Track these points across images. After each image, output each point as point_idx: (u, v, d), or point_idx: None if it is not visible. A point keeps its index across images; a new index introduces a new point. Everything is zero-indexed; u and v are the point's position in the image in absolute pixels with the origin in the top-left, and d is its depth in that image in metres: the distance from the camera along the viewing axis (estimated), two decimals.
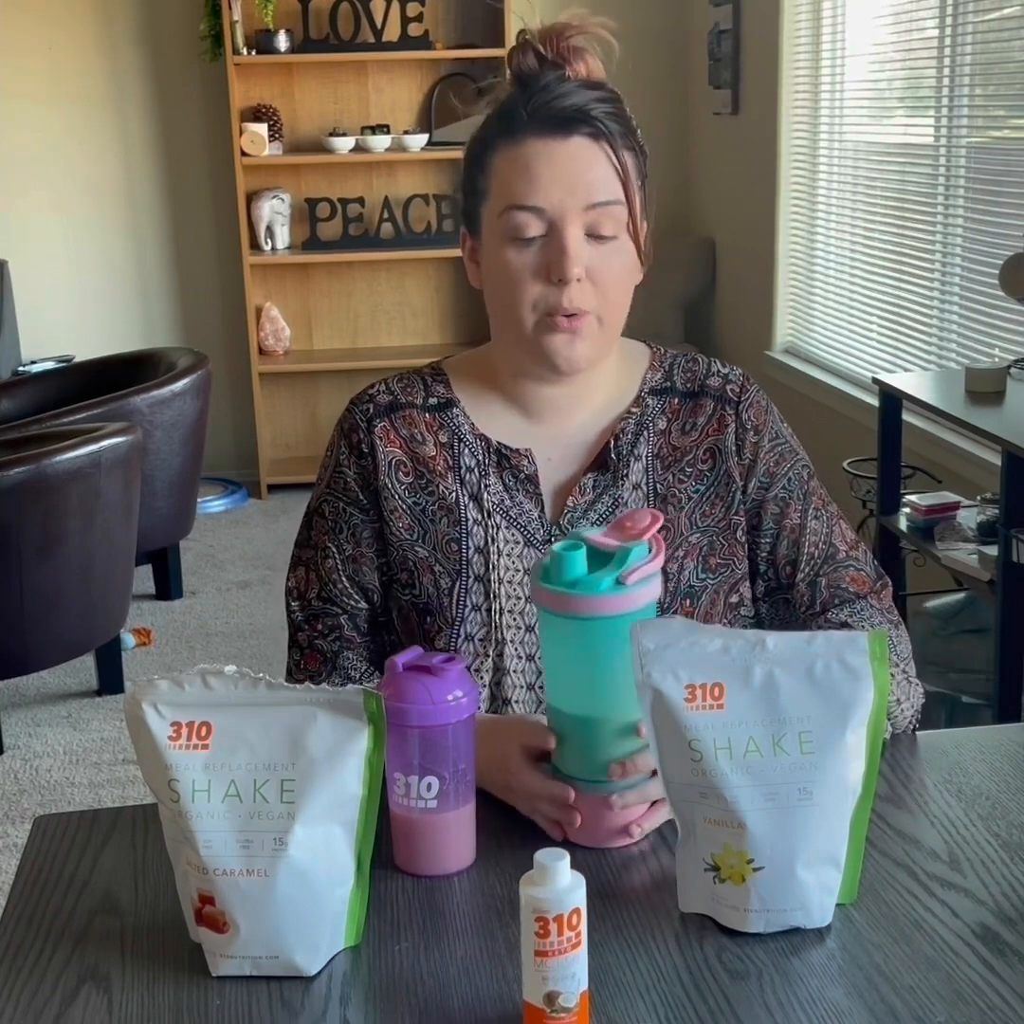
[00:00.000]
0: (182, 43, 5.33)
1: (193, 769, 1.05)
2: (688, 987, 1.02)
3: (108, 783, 3.29)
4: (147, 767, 1.07)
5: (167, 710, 1.06)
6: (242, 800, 1.04)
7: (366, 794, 1.06)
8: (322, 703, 1.07)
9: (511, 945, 1.05)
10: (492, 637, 1.41)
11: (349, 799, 1.06)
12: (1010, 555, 2.75)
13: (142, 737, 1.07)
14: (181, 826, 1.05)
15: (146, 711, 1.06)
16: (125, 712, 1.08)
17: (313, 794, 1.04)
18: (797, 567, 1.45)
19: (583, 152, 1.33)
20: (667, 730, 1.08)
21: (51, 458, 3.22)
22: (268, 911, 1.04)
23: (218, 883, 1.04)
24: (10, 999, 1.03)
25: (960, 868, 1.17)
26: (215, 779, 1.05)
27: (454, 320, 5.74)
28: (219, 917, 1.04)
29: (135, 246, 5.54)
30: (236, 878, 1.04)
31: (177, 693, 1.07)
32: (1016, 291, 3.07)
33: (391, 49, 5.24)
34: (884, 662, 1.09)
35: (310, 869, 1.04)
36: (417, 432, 1.45)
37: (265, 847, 1.03)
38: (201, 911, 1.06)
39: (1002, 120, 3.67)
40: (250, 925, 1.04)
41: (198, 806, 1.04)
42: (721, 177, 5.27)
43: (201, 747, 1.05)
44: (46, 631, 3.37)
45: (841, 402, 4.32)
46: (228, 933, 1.04)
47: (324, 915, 1.06)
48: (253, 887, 1.03)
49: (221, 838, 1.04)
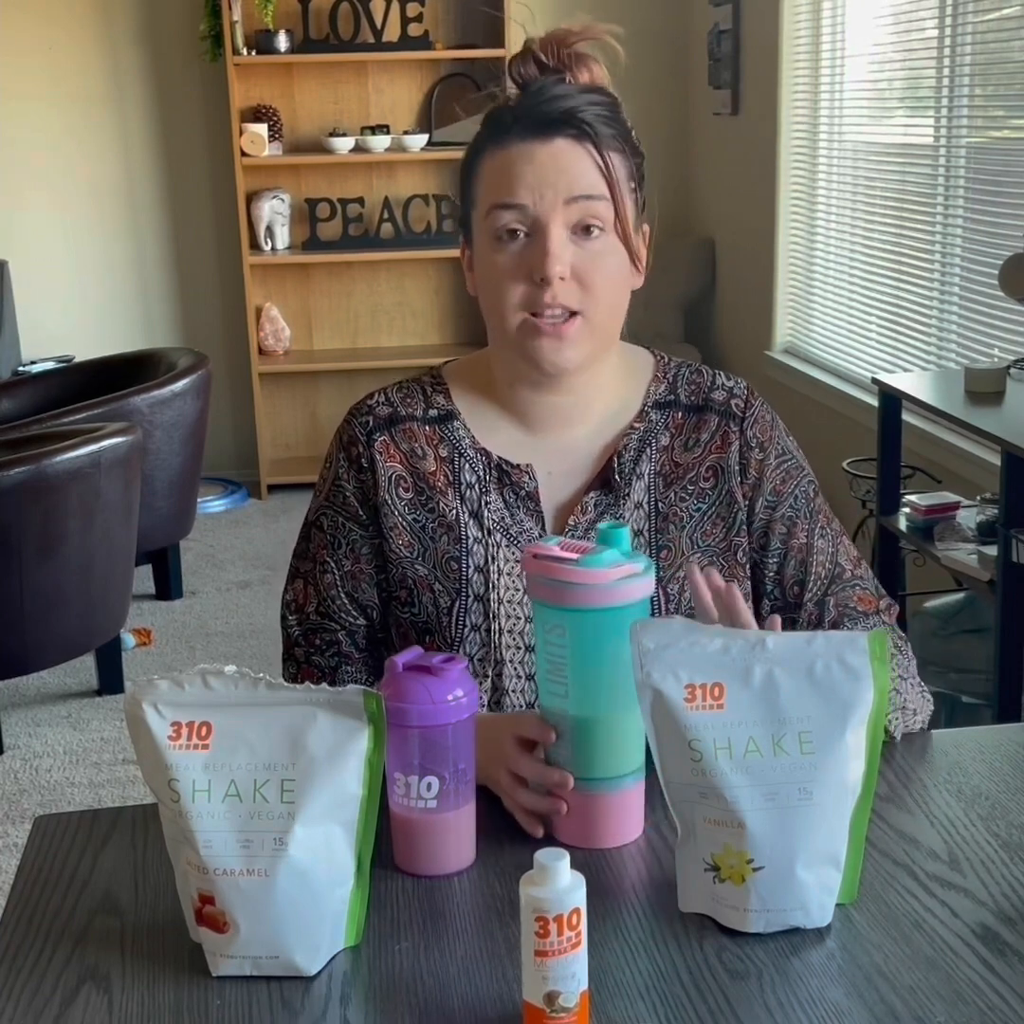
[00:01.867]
0: (182, 43, 5.33)
1: (193, 769, 1.05)
2: (688, 987, 1.02)
3: (108, 783, 3.29)
4: (147, 767, 1.07)
5: (167, 710, 1.06)
6: (242, 800, 1.04)
7: (366, 794, 1.06)
8: (322, 703, 1.07)
9: (511, 945, 1.05)
10: (491, 657, 1.40)
11: (349, 799, 1.06)
12: (1010, 555, 2.75)
13: (142, 737, 1.07)
14: (181, 826, 1.05)
15: (146, 711, 1.06)
16: (125, 712, 1.08)
17: (313, 794, 1.04)
18: (805, 587, 1.44)
19: (565, 151, 1.33)
20: (667, 730, 1.08)
21: (51, 458, 3.22)
22: (268, 911, 1.04)
23: (218, 883, 1.04)
24: (10, 999, 1.03)
25: (960, 868, 1.17)
26: (215, 779, 1.05)
27: (454, 320, 5.74)
28: (219, 917, 1.04)
29: (135, 246, 5.54)
30: (236, 878, 1.04)
31: (177, 693, 1.07)
32: (1016, 291, 3.07)
33: (391, 49, 5.25)
34: (884, 662, 1.09)
35: (310, 869, 1.04)
36: (417, 446, 1.43)
37: (265, 847, 1.03)
38: (201, 911, 1.06)
39: (1002, 120, 3.67)
40: (250, 925, 1.04)
41: (198, 806, 1.04)
42: (721, 177, 5.27)
43: (201, 747, 1.05)
44: (46, 631, 3.37)
45: (841, 402, 4.32)
46: (228, 933, 1.04)
47: (324, 915, 1.06)
48: (253, 887, 1.03)
49: (221, 838, 1.04)
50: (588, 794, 1.20)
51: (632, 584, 1.17)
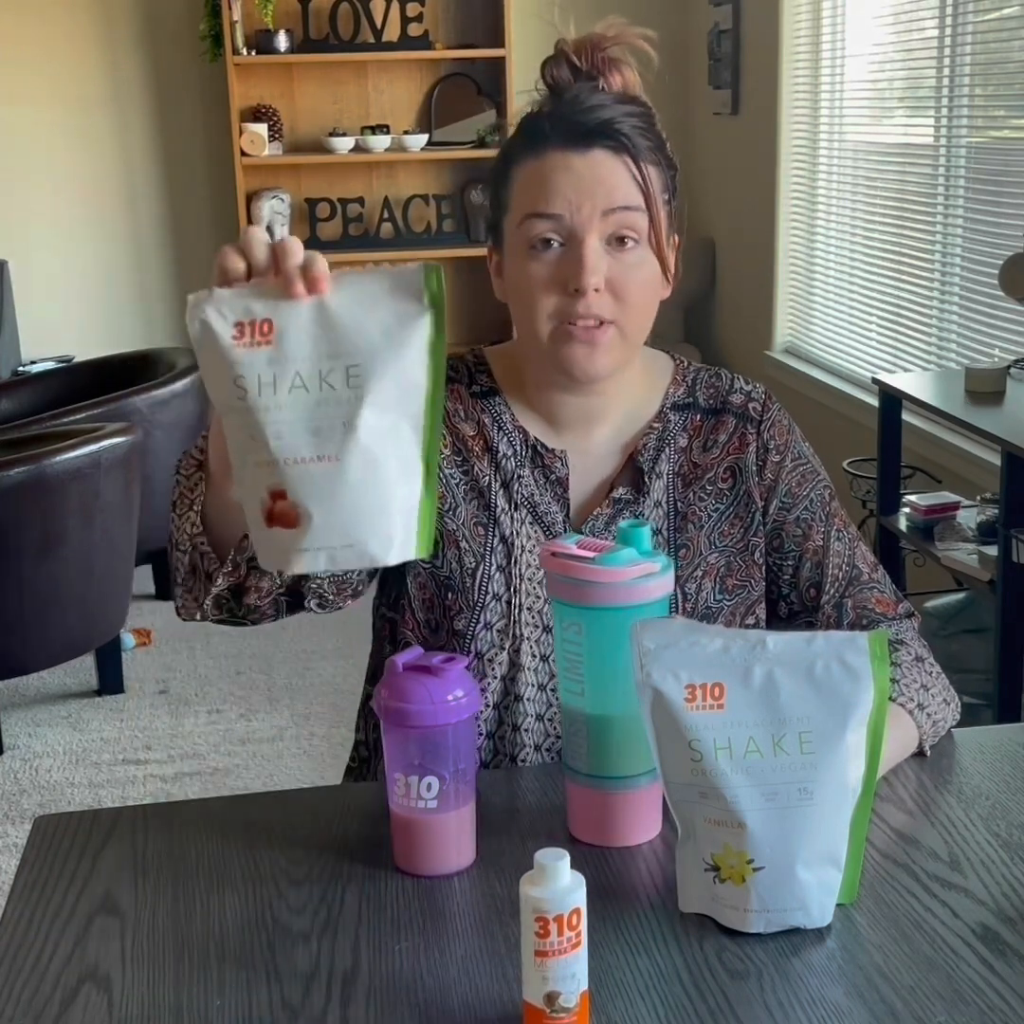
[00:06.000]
0: (182, 43, 5.33)
1: (258, 365, 1.03)
2: (688, 987, 1.02)
3: (108, 783, 3.29)
4: (211, 373, 1.05)
5: (229, 312, 1.04)
6: (308, 390, 1.02)
7: (431, 386, 1.04)
8: (383, 286, 1.04)
9: (511, 945, 1.05)
10: (510, 631, 1.40)
11: (415, 388, 1.04)
12: (1010, 555, 2.75)
13: (207, 341, 1.04)
14: (249, 423, 1.03)
15: (210, 314, 1.04)
16: (188, 321, 1.05)
17: (379, 379, 1.02)
18: (821, 589, 1.44)
19: (603, 162, 1.32)
20: (667, 730, 1.08)
21: (51, 458, 3.22)
22: (342, 496, 1.02)
23: (289, 473, 1.02)
24: (10, 999, 1.03)
25: (960, 868, 1.17)
26: (279, 373, 1.03)
27: (454, 320, 5.74)
28: (291, 511, 1.02)
29: (135, 246, 5.54)
30: (307, 465, 1.02)
31: (238, 297, 1.05)
32: (1016, 291, 3.07)
33: (391, 49, 5.24)
34: (884, 662, 1.09)
35: (380, 458, 1.02)
36: (461, 408, 1.44)
37: (335, 432, 1.01)
38: (272, 509, 1.03)
39: (1002, 120, 3.67)
40: (324, 513, 1.02)
41: (265, 399, 1.02)
42: (721, 177, 5.27)
43: (264, 343, 1.03)
44: (46, 631, 3.38)
45: (841, 402, 4.32)
46: (302, 525, 1.02)
47: (397, 508, 1.04)
48: (325, 472, 1.01)
49: (290, 428, 1.02)
50: (604, 792, 1.20)
51: (649, 583, 1.17)
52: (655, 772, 1.13)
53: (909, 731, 1.33)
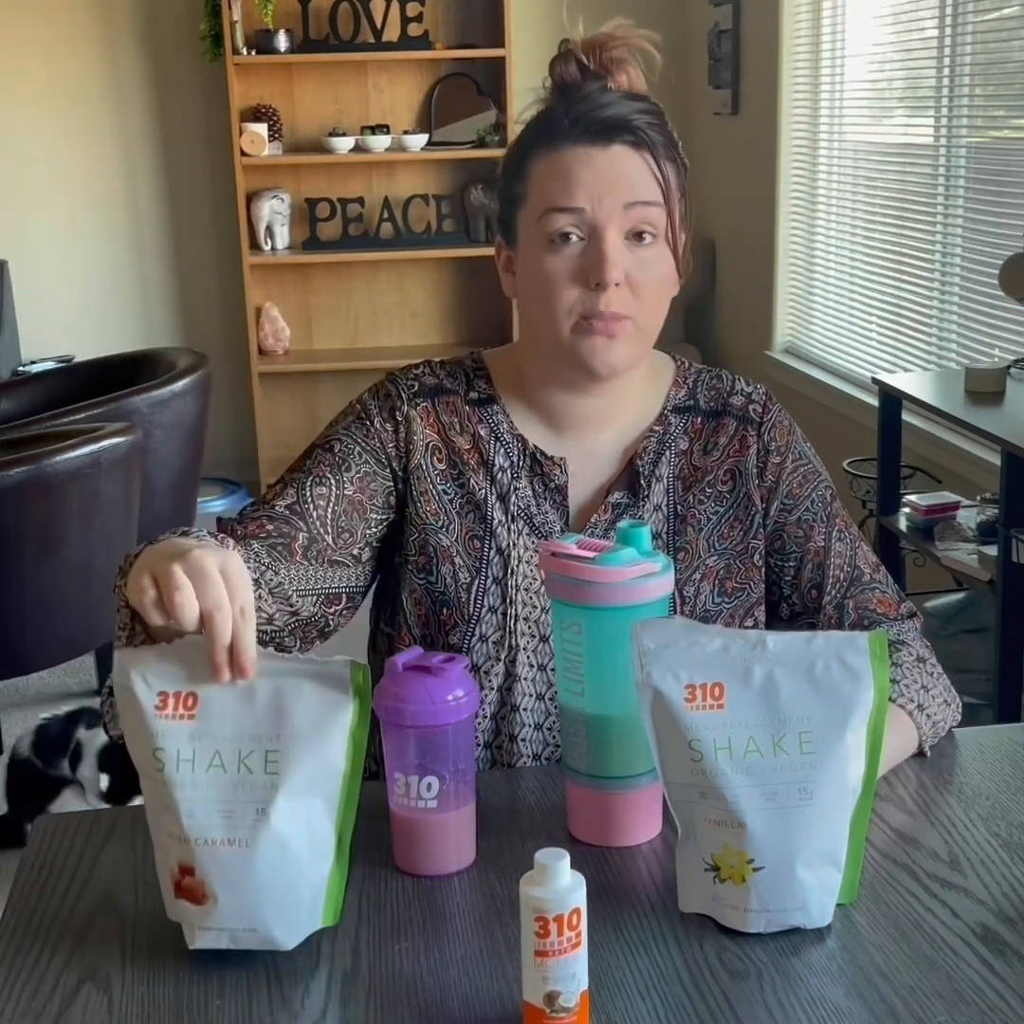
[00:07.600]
0: (182, 43, 5.33)
1: (179, 739, 1.04)
2: (688, 987, 1.02)
3: None
4: (133, 737, 1.07)
5: (155, 680, 1.06)
6: (226, 771, 1.04)
7: (349, 770, 1.06)
8: (309, 674, 1.06)
9: (511, 945, 1.05)
10: (506, 642, 1.40)
11: (332, 773, 1.05)
12: (1010, 555, 2.75)
13: (129, 706, 1.06)
14: (164, 796, 1.05)
15: (134, 680, 1.06)
16: (113, 681, 1.07)
17: (297, 765, 1.04)
18: (823, 590, 1.44)
19: (624, 157, 1.33)
20: (667, 730, 1.08)
21: (51, 458, 3.22)
22: (248, 882, 1.03)
23: (199, 853, 1.03)
24: (10, 999, 1.03)
25: (960, 868, 1.17)
26: (200, 749, 1.04)
27: (454, 320, 5.74)
28: (198, 888, 1.04)
29: (135, 246, 5.54)
30: (217, 848, 1.03)
31: (164, 663, 1.07)
32: (1016, 291, 3.07)
33: (391, 49, 5.24)
34: (884, 662, 1.09)
35: (291, 841, 1.04)
36: (456, 421, 1.43)
37: (247, 817, 1.03)
38: (180, 883, 1.05)
39: (1002, 120, 3.67)
40: (229, 896, 1.03)
41: (182, 775, 1.04)
42: (721, 177, 5.26)
43: (187, 717, 1.05)
44: (46, 631, 3.37)
45: (841, 402, 4.32)
46: (206, 904, 1.04)
47: (304, 890, 1.06)
48: (234, 857, 1.03)
49: (204, 808, 1.03)
50: (604, 792, 1.20)
51: (649, 583, 1.17)
52: (655, 772, 1.13)
53: (909, 732, 1.33)
